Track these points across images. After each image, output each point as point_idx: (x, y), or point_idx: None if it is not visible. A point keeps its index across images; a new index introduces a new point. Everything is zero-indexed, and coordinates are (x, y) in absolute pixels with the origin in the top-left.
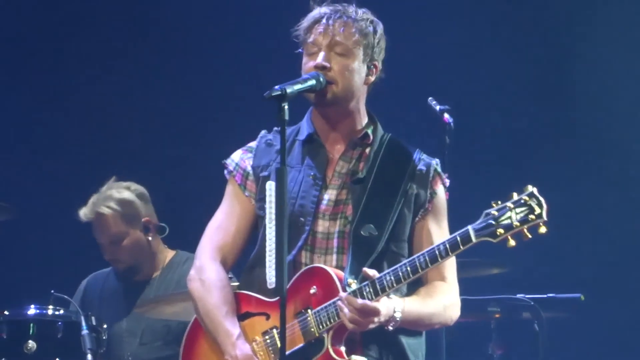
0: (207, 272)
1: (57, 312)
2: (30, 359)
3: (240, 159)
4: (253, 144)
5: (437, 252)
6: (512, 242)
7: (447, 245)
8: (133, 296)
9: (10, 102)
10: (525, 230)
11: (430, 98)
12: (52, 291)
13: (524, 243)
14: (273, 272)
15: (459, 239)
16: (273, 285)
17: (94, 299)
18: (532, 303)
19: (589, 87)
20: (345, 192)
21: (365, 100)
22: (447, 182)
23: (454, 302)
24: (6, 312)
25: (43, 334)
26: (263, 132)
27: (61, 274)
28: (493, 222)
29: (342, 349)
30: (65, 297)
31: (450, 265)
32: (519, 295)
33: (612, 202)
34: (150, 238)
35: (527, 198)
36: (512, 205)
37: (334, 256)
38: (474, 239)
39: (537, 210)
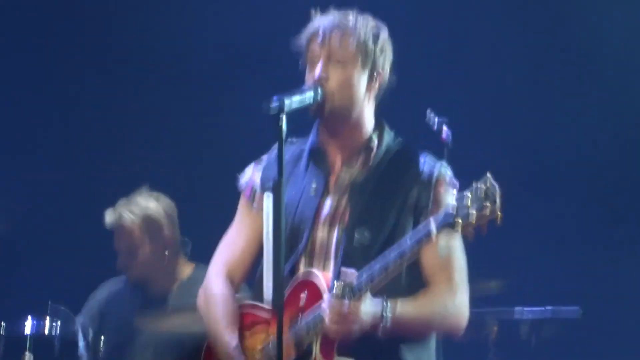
0: (211, 287)
1: (54, 324)
2: None
3: (251, 172)
4: (265, 156)
5: (404, 245)
6: (471, 231)
7: (413, 238)
8: (149, 308)
9: (8, 113)
10: (483, 220)
11: (428, 110)
12: (50, 301)
13: (523, 255)
14: (271, 286)
15: (421, 230)
16: (270, 300)
17: (108, 308)
18: (530, 316)
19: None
20: (345, 199)
21: (373, 108)
22: (457, 183)
23: (459, 307)
24: (3, 324)
25: (40, 346)
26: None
27: (59, 284)
28: (452, 212)
29: (333, 354)
30: (62, 307)
31: (458, 269)
32: (517, 308)
33: (612, 215)
34: (167, 253)
35: (482, 185)
36: (469, 195)
37: (331, 262)
38: (433, 230)
39: (492, 197)
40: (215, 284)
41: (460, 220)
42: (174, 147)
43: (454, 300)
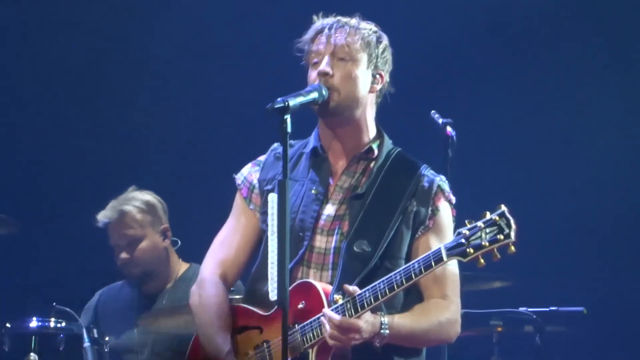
0: (205, 287)
1: (59, 325)
2: None
3: (248, 172)
4: (263, 157)
5: (411, 270)
6: (482, 262)
7: (422, 264)
8: (145, 308)
9: (7, 114)
10: (495, 250)
11: (433, 111)
12: (54, 304)
13: (527, 256)
14: (275, 285)
15: (432, 258)
16: (275, 298)
17: (107, 312)
18: (535, 316)
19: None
20: (344, 208)
21: (374, 113)
22: (453, 199)
23: (452, 319)
24: (8, 325)
25: (45, 346)
26: (275, 144)
27: (64, 286)
28: (464, 242)
29: None
30: (67, 309)
31: (451, 282)
32: (521, 309)
33: (616, 215)
34: (166, 246)
35: (497, 218)
36: (482, 225)
37: (329, 272)
38: (445, 258)
39: (506, 230)
40: (209, 283)
41: (472, 251)
42: (163, 148)
43: (447, 314)
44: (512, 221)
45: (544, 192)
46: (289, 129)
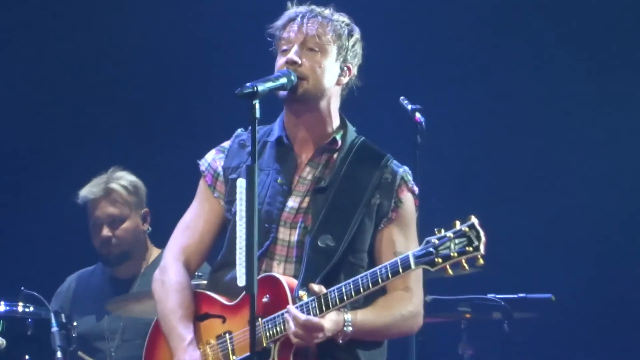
0: (168, 273)
1: (27, 310)
2: None
3: (212, 159)
4: (227, 143)
5: (378, 274)
6: (450, 272)
7: (389, 270)
8: (115, 294)
9: None
10: (463, 261)
11: (401, 97)
12: (22, 288)
13: (495, 243)
14: (243, 270)
15: (399, 264)
16: (243, 284)
17: (78, 298)
18: (503, 303)
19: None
20: (308, 201)
21: (338, 104)
22: (416, 189)
23: (414, 311)
24: None
25: (12, 331)
26: (239, 130)
27: (32, 270)
28: (433, 251)
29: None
30: (35, 294)
31: (414, 274)
32: (489, 295)
33: (583, 202)
34: (145, 229)
35: (466, 229)
36: (452, 235)
37: (293, 265)
38: (413, 266)
39: (475, 243)
40: (173, 269)
41: (440, 260)
42: (129, 133)
43: (410, 307)
44: (481, 233)
45: (513, 179)
46: (257, 114)
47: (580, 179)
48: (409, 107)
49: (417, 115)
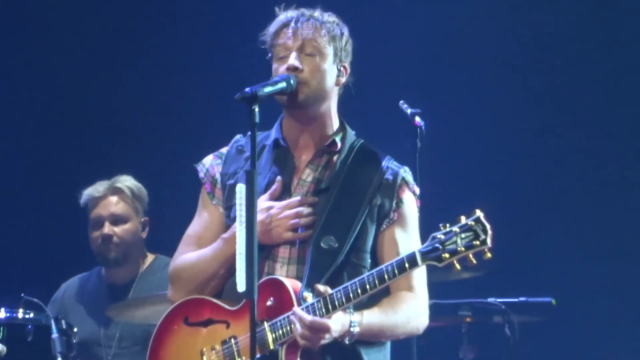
0: (177, 265)
1: (27, 316)
2: None
3: (210, 165)
4: (225, 149)
5: (384, 272)
6: (457, 267)
7: (395, 267)
8: (112, 300)
9: None
10: (471, 256)
11: (401, 101)
12: (23, 294)
13: (496, 246)
14: (243, 275)
15: (405, 261)
16: (243, 289)
17: (73, 305)
18: (504, 307)
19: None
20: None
21: (336, 105)
22: (417, 190)
23: (419, 312)
24: None
25: (13, 337)
26: (238, 136)
27: (32, 277)
28: (439, 246)
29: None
30: (35, 300)
31: (418, 274)
32: (490, 299)
33: (583, 204)
34: (143, 237)
35: (472, 223)
36: (458, 230)
37: (295, 267)
38: (420, 263)
39: (482, 236)
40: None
41: (447, 256)
42: (128, 140)
43: (415, 307)
44: (487, 227)
45: (513, 182)
46: (257, 119)
47: (580, 179)
48: (409, 111)
49: (417, 119)
